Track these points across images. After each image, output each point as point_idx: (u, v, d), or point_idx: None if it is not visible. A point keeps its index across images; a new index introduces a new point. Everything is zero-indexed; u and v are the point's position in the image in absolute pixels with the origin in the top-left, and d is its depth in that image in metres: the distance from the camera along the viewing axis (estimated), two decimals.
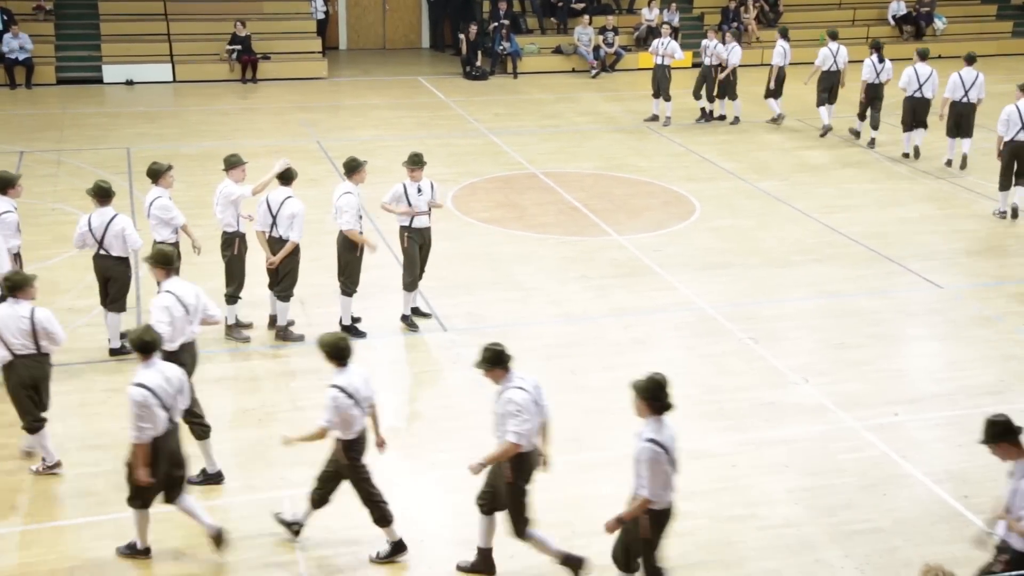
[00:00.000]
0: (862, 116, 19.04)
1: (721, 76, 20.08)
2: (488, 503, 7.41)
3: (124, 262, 10.20)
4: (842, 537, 8.05)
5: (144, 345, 7.18)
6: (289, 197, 10.53)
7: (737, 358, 10.89)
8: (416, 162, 10.97)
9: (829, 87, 19.34)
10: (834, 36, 19.55)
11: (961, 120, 16.99)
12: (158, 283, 8.47)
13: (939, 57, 25.78)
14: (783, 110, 20.39)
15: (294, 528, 7.73)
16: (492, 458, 7.19)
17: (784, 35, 20.14)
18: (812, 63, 19.88)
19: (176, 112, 20.69)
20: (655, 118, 20.51)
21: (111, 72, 22.86)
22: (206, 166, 16.15)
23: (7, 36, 21.95)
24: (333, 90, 23.03)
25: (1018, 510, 6.36)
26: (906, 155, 18.05)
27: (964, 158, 17.16)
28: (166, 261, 8.46)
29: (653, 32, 25.40)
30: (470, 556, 7.66)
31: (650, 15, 25.96)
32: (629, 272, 13.05)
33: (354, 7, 27.71)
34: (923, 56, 17.80)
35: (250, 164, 10.95)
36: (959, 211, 15.61)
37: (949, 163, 17.48)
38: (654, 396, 6.65)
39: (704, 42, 20.48)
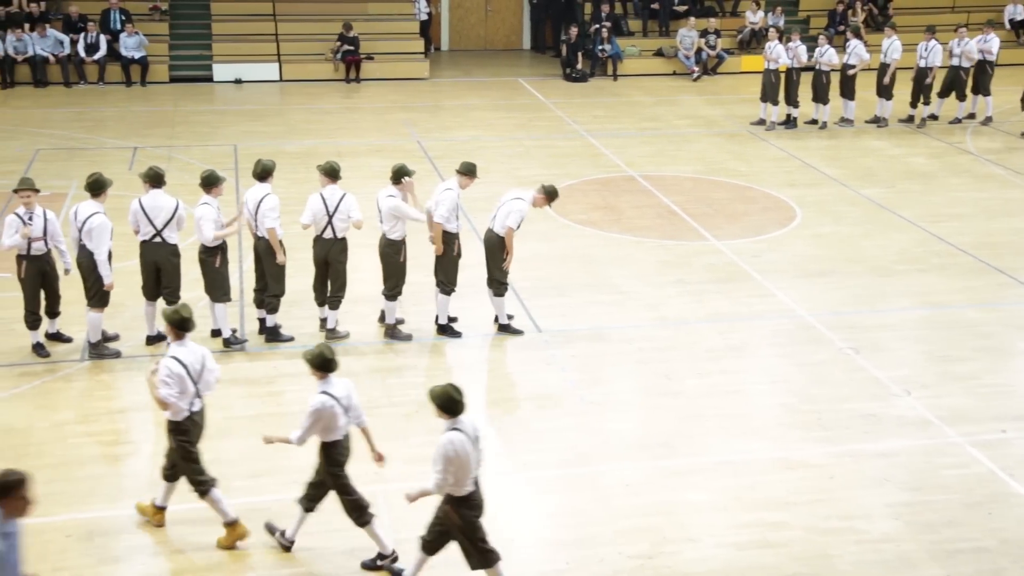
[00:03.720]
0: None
1: (851, 72, 19.84)
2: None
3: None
4: (943, 556, 7.82)
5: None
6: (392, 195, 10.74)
7: (836, 368, 10.66)
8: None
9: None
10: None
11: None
12: None
13: None
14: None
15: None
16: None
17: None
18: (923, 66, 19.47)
19: (281, 111, 21.15)
20: (762, 122, 20.22)
21: (221, 71, 23.48)
22: (308, 164, 16.47)
23: (123, 35, 22.73)
24: (434, 91, 23.26)
25: None
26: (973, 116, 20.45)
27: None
28: None
29: (756, 35, 25.08)
30: (562, 557, 7.67)
31: (754, 18, 25.60)
32: (726, 277, 12.88)
33: (457, 8, 27.96)
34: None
35: (350, 163, 11.13)
36: None
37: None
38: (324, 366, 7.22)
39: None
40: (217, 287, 10.64)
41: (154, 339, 10.80)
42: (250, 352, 10.77)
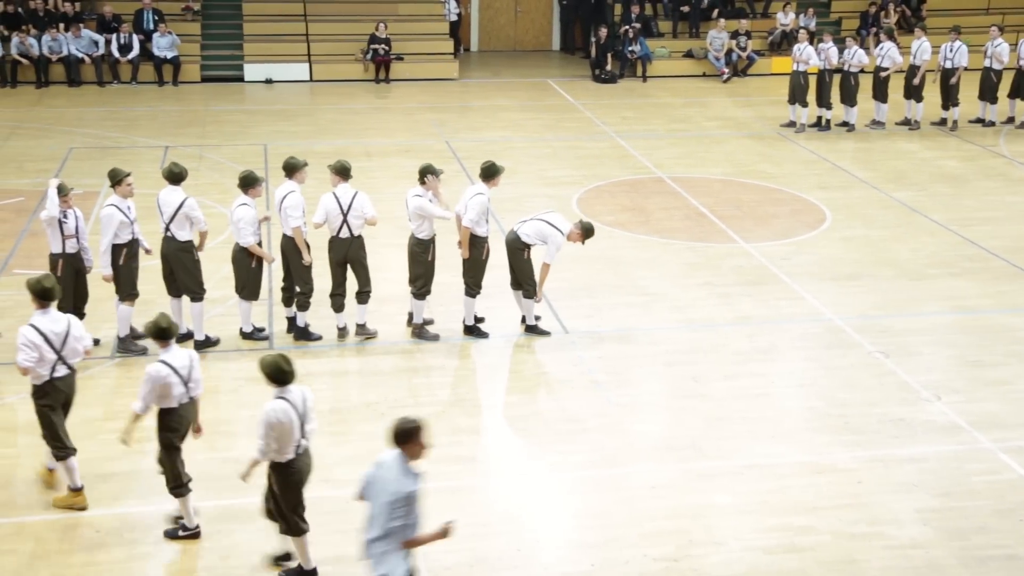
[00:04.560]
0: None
1: (884, 74, 19.70)
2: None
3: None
4: (974, 562, 7.74)
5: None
6: (419, 198, 10.73)
7: (866, 372, 10.58)
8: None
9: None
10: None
11: None
12: None
13: None
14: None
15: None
16: None
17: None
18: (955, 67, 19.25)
19: (311, 110, 21.26)
20: (791, 124, 20.09)
21: (252, 71, 23.63)
22: None
23: (156, 35, 22.94)
24: (463, 91, 23.30)
25: None
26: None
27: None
28: None
29: (787, 37, 24.92)
30: (587, 559, 7.66)
31: (785, 19, 25.46)
32: (755, 280, 12.82)
33: (486, 9, 28.00)
34: None
35: (380, 163, 11.17)
36: None
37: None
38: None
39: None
40: (248, 286, 10.70)
41: (183, 337, 10.88)
42: (278, 350, 10.81)
